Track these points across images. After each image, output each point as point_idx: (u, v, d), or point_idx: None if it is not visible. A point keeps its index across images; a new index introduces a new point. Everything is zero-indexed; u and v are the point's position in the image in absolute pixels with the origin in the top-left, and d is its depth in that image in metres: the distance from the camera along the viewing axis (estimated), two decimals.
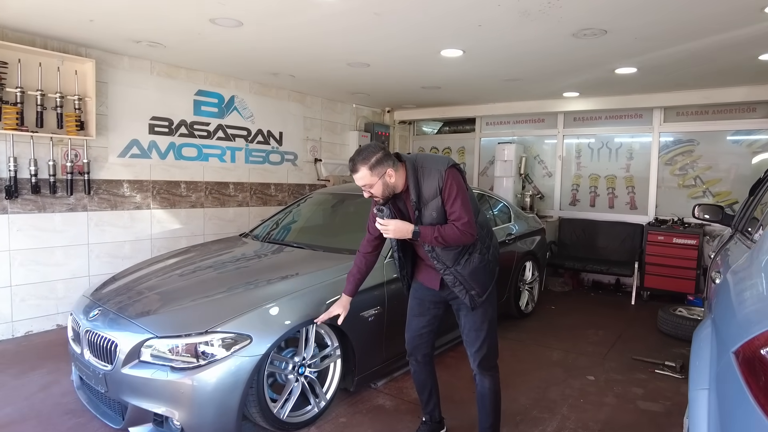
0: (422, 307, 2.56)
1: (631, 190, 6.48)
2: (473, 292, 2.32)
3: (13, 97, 3.96)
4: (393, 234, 2.24)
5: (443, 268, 2.31)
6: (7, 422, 2.79)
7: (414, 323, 2.59)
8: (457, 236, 2.21)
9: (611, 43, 3.85)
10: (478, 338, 2.42)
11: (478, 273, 2.33)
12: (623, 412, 3.11)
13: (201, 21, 3.60)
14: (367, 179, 2.21)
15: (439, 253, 2.29)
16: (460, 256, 2.29)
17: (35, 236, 4.26)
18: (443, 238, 2.20)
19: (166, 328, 2.50)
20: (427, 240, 2.22)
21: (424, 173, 2.26)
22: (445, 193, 2.23)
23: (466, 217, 2.21)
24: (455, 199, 2.22)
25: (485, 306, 2.41)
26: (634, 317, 5.23)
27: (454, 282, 2.32)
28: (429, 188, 2.24)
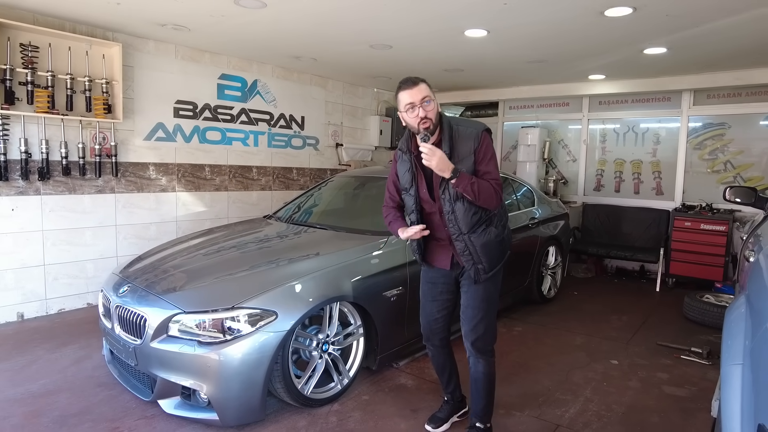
0: (434, 291, 2.51)
1: (658, 176, 6.34)
2: (480, 266, 2.28)
3: (44, 80, 4.04)
4: (435, 163, 2.09)
5: (457, 233, 2.26)
6: (43, 393, 2.90)
7: (428, 308, 2.55)
8: (490, 193, 2.17)
9: (640, 21, 3.74)
10: (475, 316, 2.37)
11: (491, 247, 2.29)
12: (648, 395, 3.07)
13: (226, 3, 3.61)
14: (426, 91, 2.15)
15: (458, 215, 2.23)
16: (477, 225, 2.25)
17: (66, 217, 4.38)
18: (478, 189, 2.14)
19: (193, 303, 2.56)
20: (462, 184, 2.13)
21: (459, 132, 2.23)
22: (480, 153, 2.21)
23: (499, 179, 2.22)
24: (490, 159, 2.22)
25: (488, 284, 2.37)
26: (659, 304, 5.15)
27: (463, 250, 2.27)
28: (464, 146, 2.21)
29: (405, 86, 2.16)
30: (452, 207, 2.23)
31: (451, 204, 2.23)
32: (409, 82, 2.15)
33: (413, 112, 2.15)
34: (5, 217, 4.03)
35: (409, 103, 2.14)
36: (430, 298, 2.52)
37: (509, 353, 3.68)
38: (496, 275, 2.38)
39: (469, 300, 2.38)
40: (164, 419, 2.62)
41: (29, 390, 2.93)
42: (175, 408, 2.58)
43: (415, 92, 2.13)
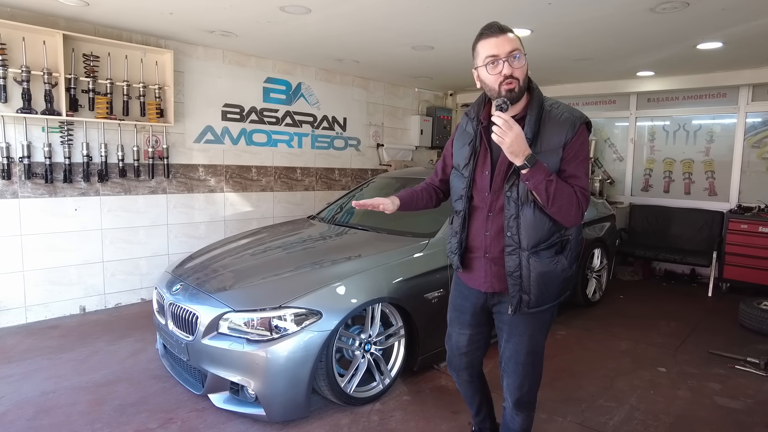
0: (462, 319, 2.06)
1: (711, 176, 6.07)
2: (526, 296, 1.79)
3: (103, 88, 4.28)
4: (509, 142, 1.60)
5: (514, 247, 1.76)
6: (104, 383, 3.09)
7: (455, 337, 2.11)
8: (570, 201, 1.67)
9: (694, 15, 3.60)
10: (520, 373, 1.92)
11: (551, 280, 1.78)
12: (698, 406, 2.97)
13: (272, 9, 3.72)
14: (516, 43, 1.68)
15: (523, 223, 1.73)
16: (545, 245, 1.76)
17: (122, 216, 4.62)
18: (555, 191, 1.64)
19: (242, 302, 2.66)
20: (536, 179, 1.64)
21: (551, 114, 1.74)
22: (571, 150, 1.70)
23: (588, 190, 1.73)
24: (582, 161, 1.72)
25: (535, 330, 1.88)
26: (712, 310, 4.95)
27: (514, 270, 1.77)
28: (553, 134, 1.71)
29: (488, 34, 1.69)
30: (518, 210, 1.74)
31: (517, 206, 1.74)
32: (495, 29, 1.68)
33: (495, 67, 1.67)
34: (69, 216, 4.29)
35: (492, 55, 1.66)
36: (458, 328, 2.09)
37: (552, 357, 3.63)
38: (545, 317, 1.90)
39: (512, 352, 1.92)
40: (214, 412, 2.74)
41: (92, 379, 3.13)
42: (224, 402, 2.69)
43: (501, 42, 1.66)
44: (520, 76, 1.68)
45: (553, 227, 1.75)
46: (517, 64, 1.67)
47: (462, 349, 2.10)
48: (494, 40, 1.67)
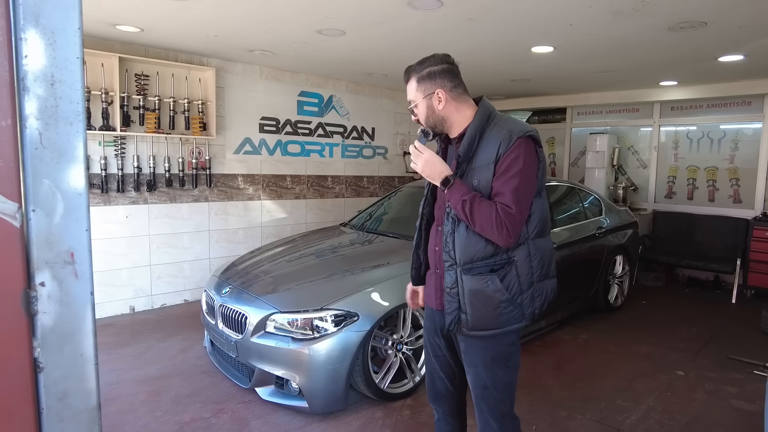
0: (433, 341, 1.95)
1: (735, 183, 6.13)
2: (464, 315, 1.70)
3: (152, 104, 4.64)
4: (422, 166, 1.69)
5: (450, 262, 1.70)
6: (159, 376, 3.41)
7: (427, 365, 2.03)
8: (489, 219, 1.59)
9: (712, 33, 3.75)
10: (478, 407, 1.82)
11: (484, 301, 1.67)
12: (714, 408, 3.12)
13: (309, 32, 4.00)
14: (411, 94, 1.75)
15: (459, 237, 1.68)
16: (478, 263, 1.67)
17: (168, 223, 4.97)
18: (470, 209, 1.60)
19: (287, 304, 2.94)
20: (453, 199, 1.64)
21: (492, 129, 1.68)
22: (502, 165, 1.62)
23: (513, 208, 1.58)
24: (512, 177, 1.60)
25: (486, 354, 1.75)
26: (734, 316, 5.03)
27: (452, 285, 1.70)
28: (485, 151, 1.66)
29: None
30: (454, 226, 1.70)
31: (454, 222, 1.70)
32: (404, 77, 1.78)
33: None
34: (121, 223, 4.66)
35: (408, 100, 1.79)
36: (431, 354, 1.98)
37: (573, 360, 3.81)
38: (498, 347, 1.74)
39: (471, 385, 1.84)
40: (260, 404, 3.02)
41: (148, 373, 3.45)
42: (270, 395, 2.97)
43: (407, 90, 1.78)
44: (422, 120, 1.76)
45: (492, 247, 1.66)
46: (417, 111, 1.76)
47: (437, 373, 1.97)
48: (406, 87, 1.79)
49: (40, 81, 0.70)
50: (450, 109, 1.73)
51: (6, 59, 0.66)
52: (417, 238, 1.95)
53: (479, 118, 1.71)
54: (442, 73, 1.71)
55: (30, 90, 0.69)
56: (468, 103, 1.76)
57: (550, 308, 2.00)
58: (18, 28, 0.67)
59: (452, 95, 1.72)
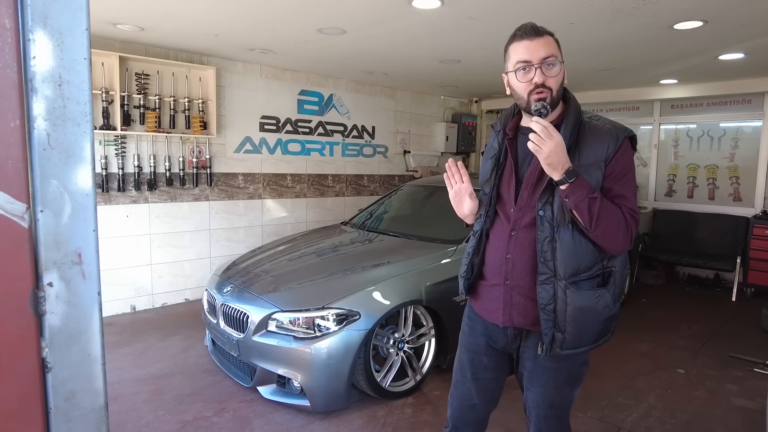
0: (477, 364, 1.74)
1: (735, 181, 6.13)
2: (560, 335, 1.51)
3: (153, 103, 4.64)
4: (547, 151, 1.40)
5: (548, 275, 1.49)
6: (161, 375, 3.41)
7: (463, 387, 1.78)
8: (618, 223, 1.45)
9: (713, 32, 3.75)
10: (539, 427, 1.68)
11: (591, 318, 1.52)
12: (714, 406, 3.13)
13: (309, 31, 4.00)
14: (554, 48, 1.50)
15: (560, 247, 1.48)
16: (586, 273, 1.51)
17: (168, 222, 4.97)
18: (599, 211, 1.42)
19: (288, 303, 2.94)
20: (576, 195, 1.42)
21: (591, 125, 1.53)
22: (617, 166, 1.48)
23: (637, 212, 1.50)
24: (630, 180, 1.50)
25: (560, 373, 1.60)
26: (734, 314, 5.04)
27: (548, 302, 1.50)
28: (594, 147, 1.50)
29: (521, 36, 1.52)
30: (553, 232, 1.49)
31: (552, 227, 1.49)
32: (529, 31, 1.51)
33: (526, 74, 1.49)
34: (121, 222, 4.66)
35: (523, 60, 1.49)
36: (470, 374, 1.75)
37: None
38: (575, 366, 1.62)
39: (533, 403, 1.66)
40: (262, 403, 3.03)
41: (150, 372, 3.45)
42: (272, 394, 2.97)
43: (535, 46, 1.48)
44: (554, 86, 1.48)
45: (595, 255, 1.50)
46: (552, 72, 1.48)
47: (473, 399, 1.75)
48: (527, 43, 1.49)
49: (48, 82, 0.71)
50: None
51: (14, 60, 0.67)
52: (476, 243, 1.67)
53: (575, 112, 1.54)
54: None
55: (38, 91, 0.69)
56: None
57: None
58: (26, 29, 0.68)
59: None
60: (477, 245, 1.68)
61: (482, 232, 1.67)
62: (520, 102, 1.56)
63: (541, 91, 1.48)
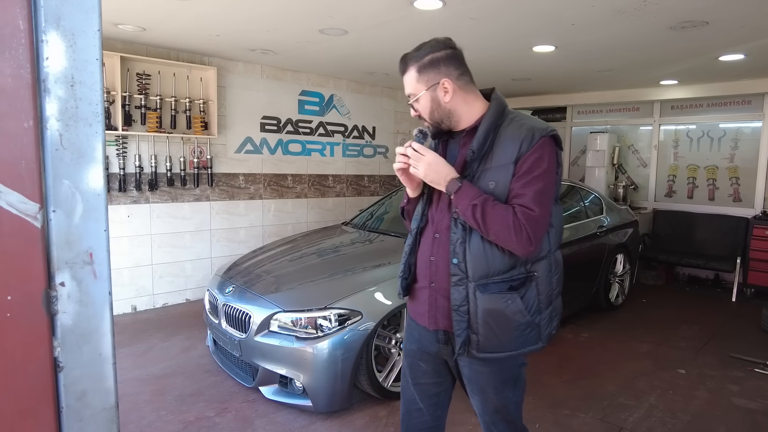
0: (414, 367, 1.72)
1: (735, 182, 6.14)
2: (474, 336, 1.49)
3: (154, 103, 4.64)
4: (424, 170, 1.48)
5: (460, 276, 1.49)
6: (162, 375, 3.41)
7: (407, 392, 1.77)
8: (506, 223, 1.40)
9: (714, 33, 3.76)
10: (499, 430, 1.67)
11: (501, 322, 1.48)
12: (715, 406, 3.14)
13: (311, 31, 4.00)
14: (411, 86, 1.54)
15: (472, 249, 1.47)
16: (498, 279, 1.47)
17: (169, 222, 4.97)
18: (483, 215, 1.40)
19: (291, 303, 2.95)
20: (462, 204, 1.44)
21: (510, 125, 1.50)
22: (524, 165, 1.43)
23: (535, 210, 1.41)
24: (534, 179, 1.43)
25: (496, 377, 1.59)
26: (734, 314, 5.05)
27: (461, 303, 1.49)
28: (504, 149, 1.46)
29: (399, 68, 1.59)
30: (465, 235, 1.48)
31: (465, 230, 1.49)
32: (400, 67, 1.57)
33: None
34: (122, 222, 4.66)
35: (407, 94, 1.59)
36: (411, 380, 1.74)
37: (575, 358, 3.82)
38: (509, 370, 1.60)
39: (479, 410, 1.67)
40: (264, 403, 3.03)
41: (151, 372, 3.45)
42: (274, 394, 2.97)
43: (405, 82, 1.57)
44: (425, 115, 1.55)
45: (510, 260, 1.47)
46: (416, 106, 1.55)
47: (417, 404, 1.73)
48: (403, 78, 1.58)
49: (60, 83, 0.71)
50: (458, 101, 1.52)
51: (28, 61, 0.67)
52: (412, 242, 1.66)
53: (494, 112, 1.51)
54: (446, 59, 1.51)
55: (51, 92, 0.70)
56: (476, 94, 1.57)
57: None
58: (39, 30, 0.68)
59: (459, 84, 1.52)
60: (412, 245, 1.67)
61: (417, 230, 1.66)
62: None
63: (422, 120, 1.58)
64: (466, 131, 1.55)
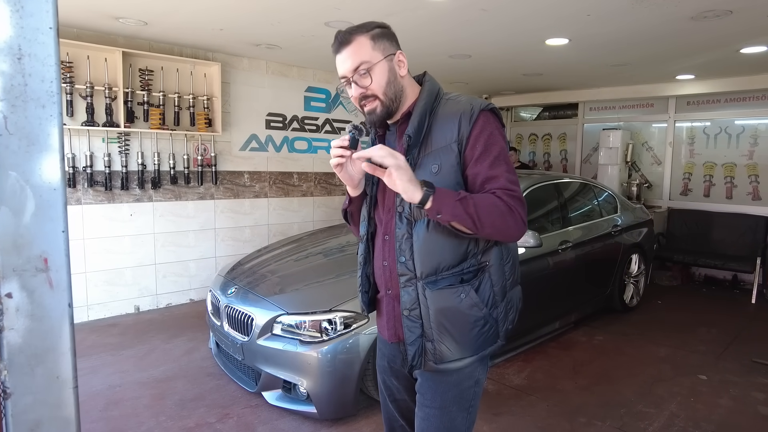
0: (388, 384, 1.61)
1: (755, 179, 5.95)
2: (430, 344, 1.35)
3: (156, 100, 4.54)
4: (398, 180, 1.19)
5: (409, 276, 1.34)
6: (163, 379, 3.31)
7: (386, 409, 1.66)
8: (499, 213, 1.23)
9: (736, 23, 3.59)
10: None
11: (456, 320, 1.33)
12: (740, 415, 2.98)
13: (317, 24, 3.89)
14: (362, 53, 1.30)
15: (417, 242, 1.33)
16: (447, 273, 1.33)
17: (173, 221, 4.88)
18: (476, 209, 1.21)
19: (294, 305, 2.83)
20: (447, 210, 1.21)
21: (446, 104, 1.36)
22: (476, 144, 1.29)
23: (516, 190, 1.27)
24: (497, 158, 1.29)
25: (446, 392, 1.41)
26: (755, 317, 4.87)
27: (411, 306, 1.35)
28: (443, 129, 1.32)
29: (333, 50, 1.36)
30: (410, 228, 1.34)
31: (409, 223, 1.34)
32: (336, 43, 1.34)
33: (349, 90, 1.36)
34: (125, 221, 4.57)
35: (341, 77, 1.35)
36: (387, 397, 1.63)
37: (590, 363, 3.68)
38: (463, 383, 1.41)
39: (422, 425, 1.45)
40: (267, 409, 2.92)
41: (152, 375, 3.36)
42: (277, 400, 2.86)
43: (344, 59, 1.33)
44: (378, 90, 1.32)
45: (460, 249, 1.33)
46: (365, 81, 1.31)
47: (399, 420, 1.62)
48: (338, 57, 1.34)
49: (4, 55, 0.59)
50: (407, 80, 1.38)
51: None
52: (365, 250, 1.51)
53: (428, 94, 1.37)
54: (391, 35, 1.37)
55: None
56: (413, 78, 1.43)
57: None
58: None
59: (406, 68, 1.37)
60: (365, 253, 1.53)
61: (368, 236, 1.51)
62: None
63: (367, 102, 1.34)
64: (401, 120, 1.39)
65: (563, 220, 4.10)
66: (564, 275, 3.88)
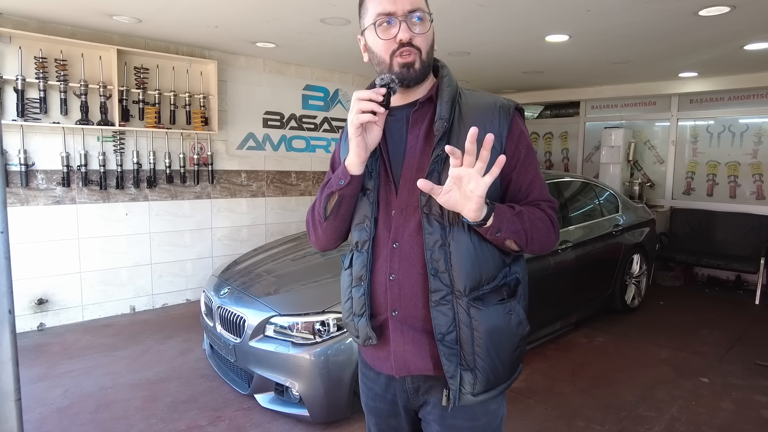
0: (384, 428, 1.34)
1: (759, 179, 5.87)
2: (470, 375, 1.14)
3: (152, 98, 4.50)
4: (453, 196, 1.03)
5: (444, 292, 1.12)
6: (156, 380, 3.27)
7: None
8: (546, 229, 1.14)
9: (740, 18, 3.52)
10: None
11: (505, 342, 1.16)
12: (743, 419, 2.92)
13: (312, 21, 3.83)
14: (422, 2, 1.16)
15: (458, 251, 1.11)
16: (490, 287, 1.15)
17: (169, 221, 4.84)
18: (530, 227, 1.11)
19: (287, 306, 2.78)
20: (507, 227, 1.08)
21: (472, 95, 1.20)
22: (519, 146, 1.16)
23: (554, 200, 1.20)
24: (534, 161, 1.18)
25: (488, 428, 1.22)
26: (759, 319, 4.79)
27: (447, 330, 1.12)
28: (481, 121, 1.13)
29: None
30: (445, 234, 1.12)
31: (443, 228, 1.12)
32: None
33: (388, 30, 1.13)
34: (120, 221, 4.53)
35: (385, 13, 1.12)
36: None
37: (590, 364, 3.62)
38: (494, 412, 1.23)
39: None
40: (260, 412, 2.87)
41: (145, 376, 3.31)
42: (270, 402, 2.81)
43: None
44: (423, 46, 1.14)
45: (499, 259, 1.17)
46: (420, 28, 1.13)
47: None
48: None
49: None
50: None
51: None
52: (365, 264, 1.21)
53: (451, 80, 1.19)
54: None
55: None
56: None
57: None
58: None
59: None
60: (367, 264, 1.21)
61: (370, 242, 1.21)
62: (380, 67, 1.16)
63: (407, 52, 1.12)
64: (417, 105, 1.18)
65: (564, 220, 4.03)
66: (565, 275, 3.82)
